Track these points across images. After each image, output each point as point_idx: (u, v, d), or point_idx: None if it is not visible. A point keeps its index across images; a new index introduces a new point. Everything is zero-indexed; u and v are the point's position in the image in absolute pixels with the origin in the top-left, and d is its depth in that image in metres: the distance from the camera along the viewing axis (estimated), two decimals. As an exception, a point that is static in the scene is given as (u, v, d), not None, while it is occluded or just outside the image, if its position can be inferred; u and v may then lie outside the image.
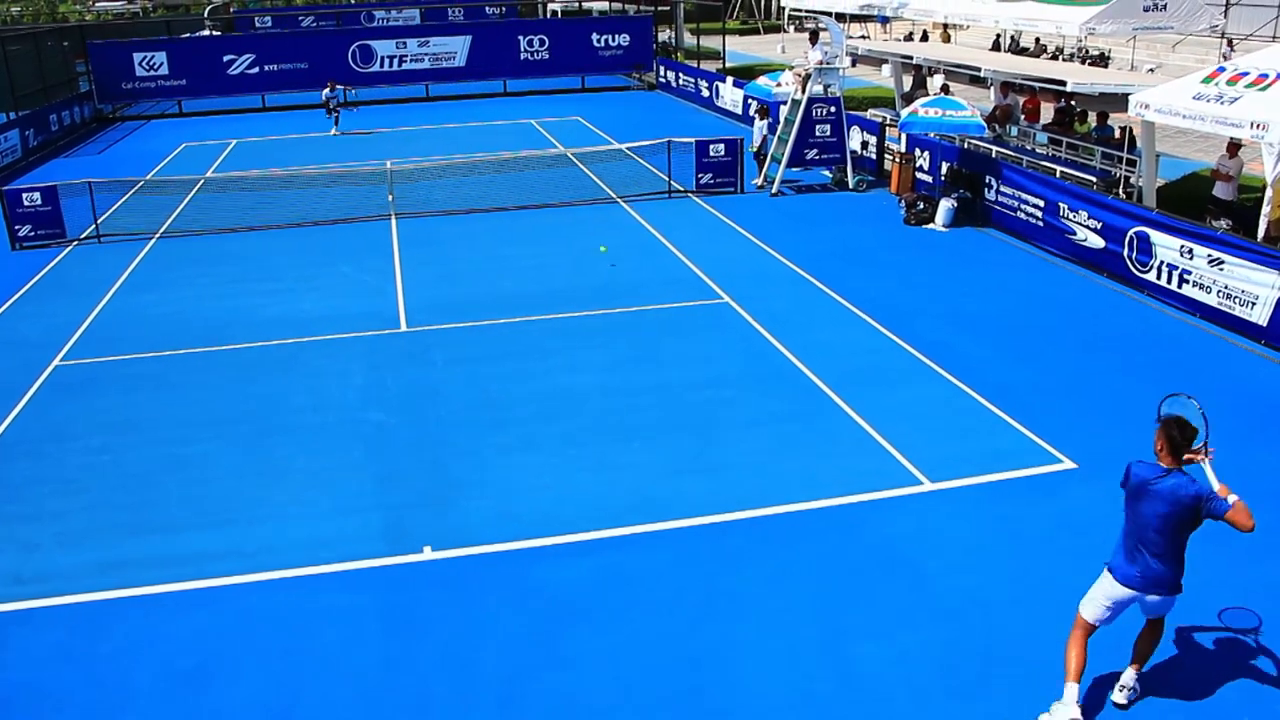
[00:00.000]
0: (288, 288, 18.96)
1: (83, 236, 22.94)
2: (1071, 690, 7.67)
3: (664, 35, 49.58)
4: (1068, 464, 11.64)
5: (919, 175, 23.64)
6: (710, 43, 46.92)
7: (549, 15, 61.62)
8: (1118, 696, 8.00)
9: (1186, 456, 7.47)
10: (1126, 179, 21.13)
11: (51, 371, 15.52)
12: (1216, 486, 7.35)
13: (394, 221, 23.29)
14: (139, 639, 9.31)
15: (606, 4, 60.29)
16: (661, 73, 44.23)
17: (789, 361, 14.70)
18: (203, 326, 17.08)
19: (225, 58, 42.77)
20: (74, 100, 40.68)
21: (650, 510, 10.98)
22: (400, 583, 9.98)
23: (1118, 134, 22.48)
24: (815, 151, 24.49)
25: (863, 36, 47.05)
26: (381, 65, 43.46)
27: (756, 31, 68.51)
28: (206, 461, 12.52)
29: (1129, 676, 8.03)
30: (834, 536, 10.43)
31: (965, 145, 23.46)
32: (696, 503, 11.10)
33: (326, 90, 36.00)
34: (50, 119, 36.88)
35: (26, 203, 22.77)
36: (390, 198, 24.14)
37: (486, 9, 57.94)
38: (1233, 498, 7.26)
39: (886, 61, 35.47)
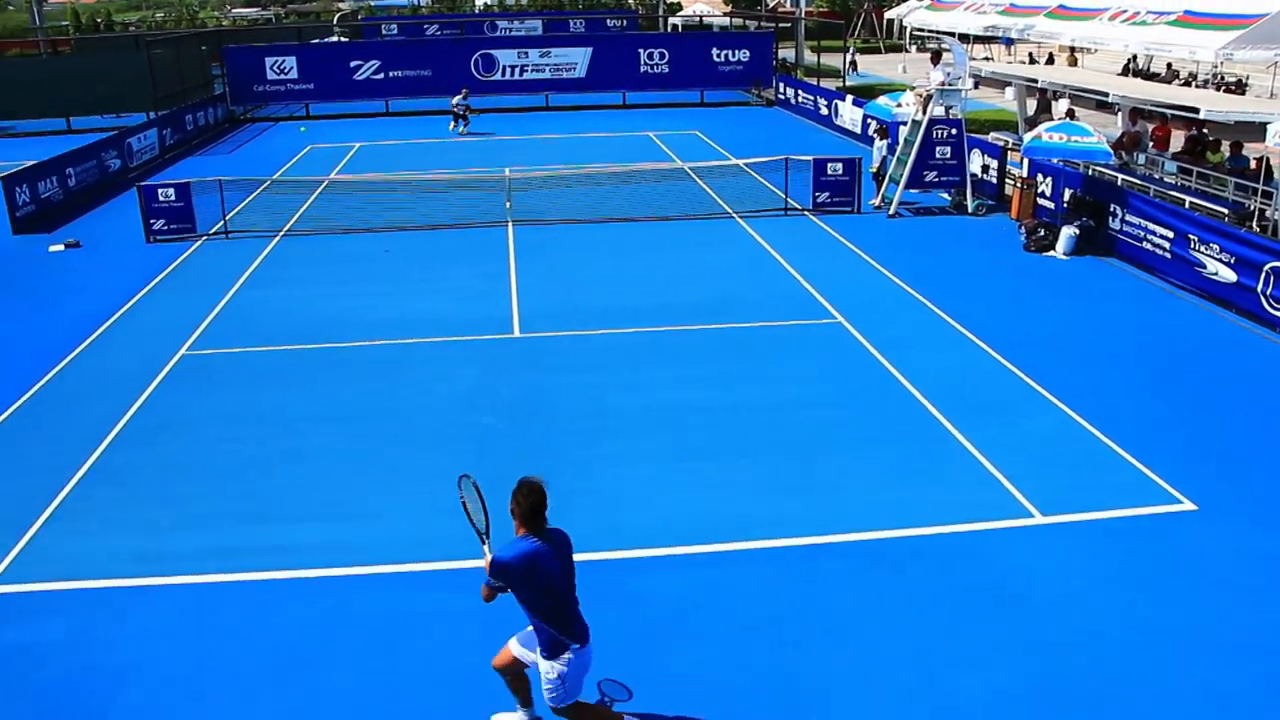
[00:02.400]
0: (404, 289, 19.31)
1: (211, 232, 23.68)
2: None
3: (784, 52, 49.43)
4: (1187, 505, 11.27)
5: (1040, 201, 23.20)
6: (831, 61, 46.69)
7: (670, 29, 61.92)
8: None
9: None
10: (1261, 212, 20.46)
11: (178, 360, 16.04)
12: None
13: (510, 228, 23.58)
14: (249, 623, 9.56)
15: (727, 19, 60.38)
16: (781, 89, 44.12)
17: (900, 385, 14.53)
18: (321, 324, 17.49)
19: (352, 63, 43.86)
20: (209, 102, 42.09)
21: (753, 528, 10.93)
22: (503, 585, 10.06)
23: (1253, 164, 21.79)
24: (934, 174, 24.21)
25: (986, 58, 46.37)
26: (503, 74, 44.14)
27: (878, 50, 67.97)
28: (319, 456, 12.80)
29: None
30: (938, 565, 10.26)
31: (1090, 172, 22.95)
32: (800, 523, 11.02)
33: (459, 97, 37.36)
34: (186, 119, 38.17)
35: (161, 198, 23.62)
36: (508, 205, 24.46)
37: (608, 21, 58.52)
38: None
39: (1010, 84, 34.93)
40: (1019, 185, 23.74)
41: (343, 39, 54.86)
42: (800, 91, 41.64)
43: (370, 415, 13.93)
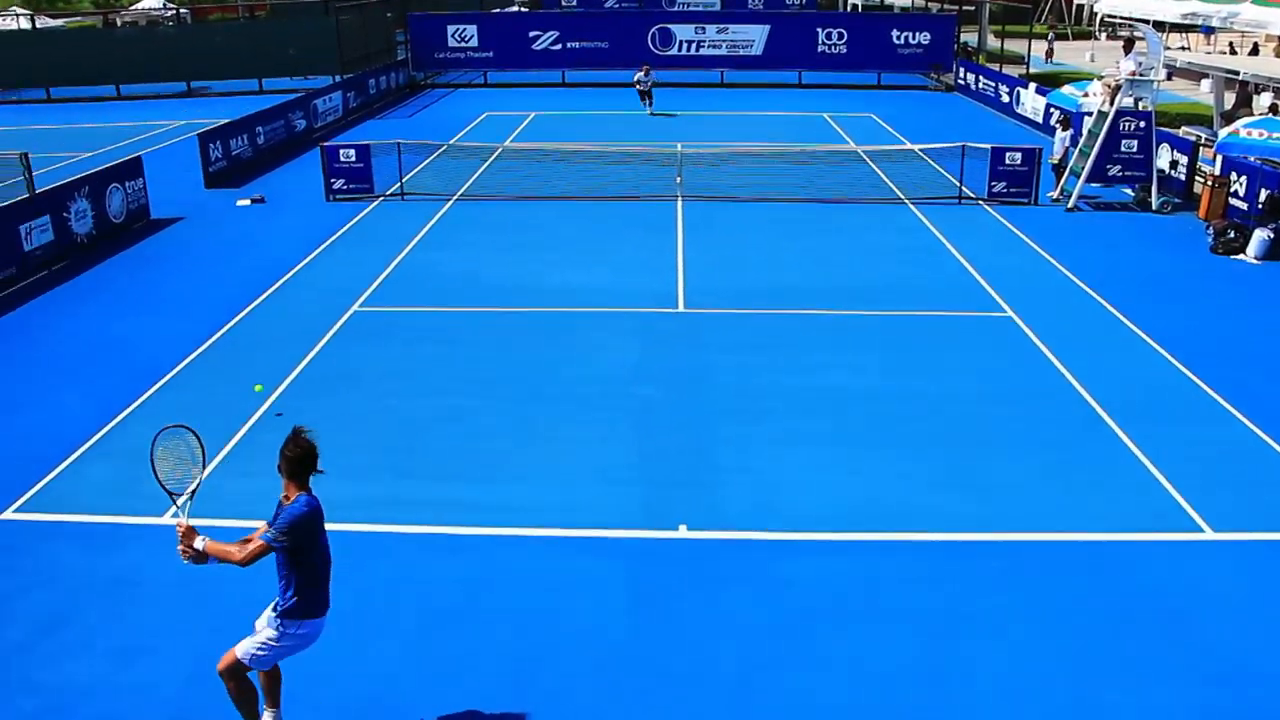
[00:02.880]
0: (571, 259, 19.55)
1: (388, 193, 24.37)
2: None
3: (966, 36, 48.17)
4: (1376, 528, 10.63)
5: (1232, 201, 22.09)
6: (1014, 46, 45.30)
7: (849, 9, 60.96)
8: None
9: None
10: None
11: (350, 316, 16.57)
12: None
13: (680, 203, 23.62)
14: (404, 574, 9.86)
15: (909, 1, 59.17)
16: (960, 74, 43.02)
17: (1069, 385, 14.05)
18: (488, 288, 17.83)
19: (531, 33, 44.46)
20: (391, 67, 43.26)
21: (908, 520, 10.75)
22: (652, 557, 10.14)
23: None
24: (1118, 168, 23.27)
25: (1182, 48, 44.41)
26: (680, 49, 44.14)
27: (1065, 37, 65.62)
28: (478, 417, 13.07)
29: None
30: (1098, 574, 9.89)
31: (1290, 172, 21.77)
32: (956, 519, 10.78)
33: (640, 73, 36.34)
34: (369, 83, 39.31)
35: (342, 159, 24.41)
36: (678, 180, 24.50)
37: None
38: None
39: (1207, 76, 33.36)
40: (1209, 183, 22.63)
41: (523, 9, 55.63)
42: (981, 77, 40.51)
43: (531, 380, 14.16)
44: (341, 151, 24.61)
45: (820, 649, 8.80)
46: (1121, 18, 40.64)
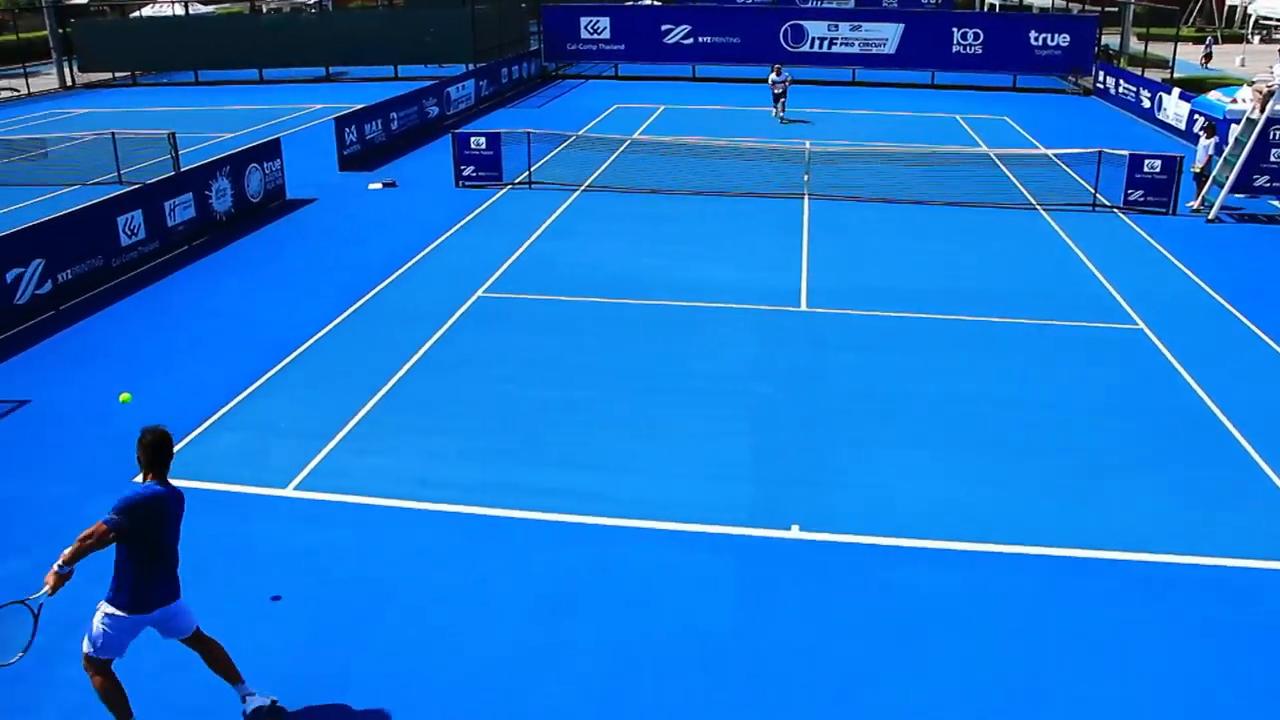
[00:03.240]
0: (695, 253, 19.53)
1: (516, 181, 24.66)
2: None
3: (1107, 39, 46.77)
4: None
5: (1388, 217, 21.11)
6: (1159, 50, 43.88)
7: (986, 8, 59.75)
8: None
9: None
10: None
11: (474, 301, 16.82)
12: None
13: (806, 202, 23.44)
14: (516, 559, 9.95)
15: (1049, 1, 57.70)
16: (1100, 78, 41.82)
17: (1202, 403, 13.53)
18: (610, 279, 17.93)
19: (663, 26, 44.58)
20: (524, 57, 43.82)
21: (1027, 532, 10.48)
22: (762, 556, 10.09)
23: None
24: (1266, 179, 22.38)
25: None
26: (812, 46, 43.81)
27: (1215, 40, 63.33)
28: (595, 407, 13.15)
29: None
30: (1225, 601, 9.50)
31: None
32: (1074, 534, 10.47)
33: (773, 73, 34.25)
34: (502, 72, 39.84)
35: (473, 146, 24.78)
36: (805, 178, 24.31)
37: (922, -2, 56.96)
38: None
39: (1366, 87, 31.87)
40: (1364, 198, 21.67)
41: (656, 2, 55.76)
42: (1121, 81, 39.33)
43: (649, 373, 14.19)
44: (472, 139, 24.97)
45: (927, 659, 8.64)
46: (1277, 20, 39.04)
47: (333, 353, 14.81)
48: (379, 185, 24.83)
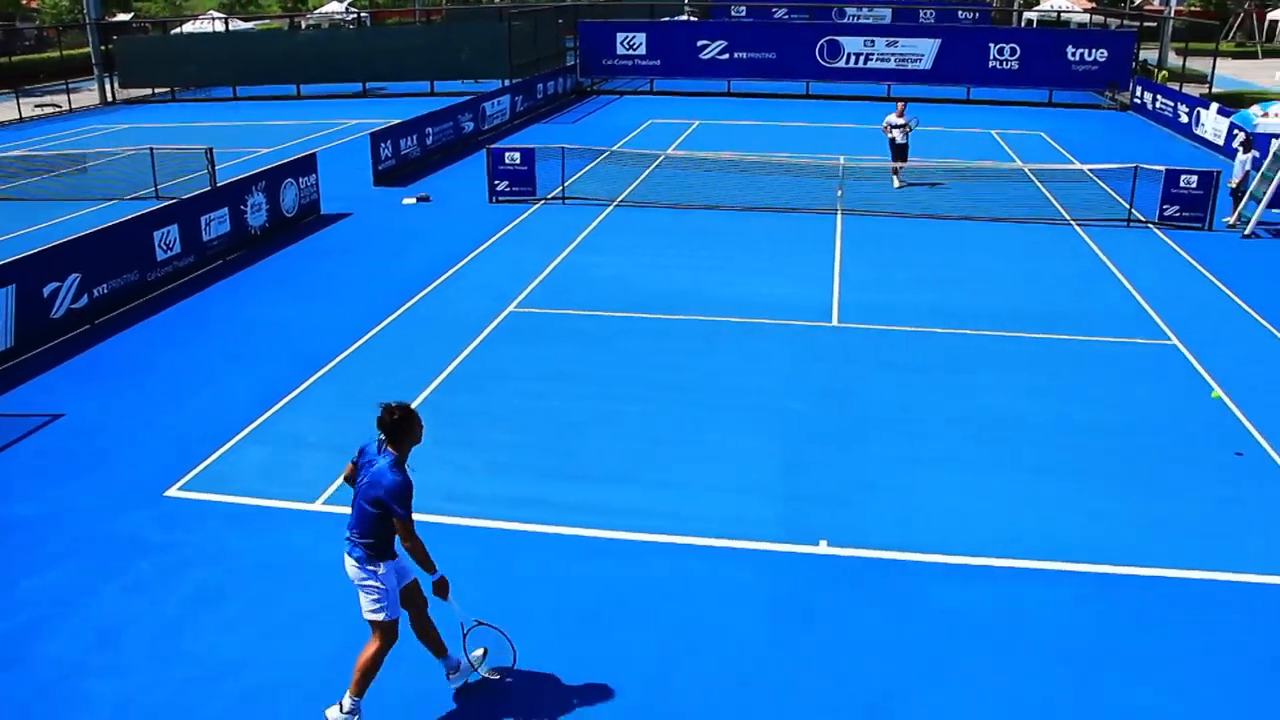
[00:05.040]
0: (728, 268, 19.50)
1: (549, 196, 24.73)
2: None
3: (1145, 53, 46.43)
4: None
5: None
6: (1198, 65, 43.51)
7: (1023, 23, 59.46)
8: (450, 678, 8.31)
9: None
10: None
11: (506, 315, 16.86)
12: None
13: (839, 217, 23.36)
14: (543, 573, 9.95)
15: (1087, 16, 57.39)
16: (1137, 93, 41.50)
17: (1235, 419, 13.35)
18: (643, 294, 17.92)
19: (699, 42, 44.68)
20: (559, 72, 43.98)
21: (1059, 549, 10.37)
22: (792, 571, 10.03)
23: None
24: (1305, 194, 22.11)
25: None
26: (847, 61, 43.77)
27: (1254, 55, 62.73)
28: (625, 421, 13.13)
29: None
30: (1258, 618, 9.36)
31: None
32: (1110, 551, 10.35)
33: (894, 115, 26.22)
34: (537, 88, 40.02)
35: (507, 161, 24.88)
36: (839, 193, 24.23)
37: (959, 13, 56.81)
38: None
39: None
40: (1407, 214, 21.33)
41: (692, 18, 55.88)
42: (1159, 96, 39.02)
43: (680, 388, 14.16)
44: (507, 154, 25.06)
45: (961, 676, 8.55)
46: (1317, 37, 38.63)
47: (364, 367, 14.87)
48: (413, 200, 24.97)
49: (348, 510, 7.91)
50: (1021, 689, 8.40)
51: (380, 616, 7.71)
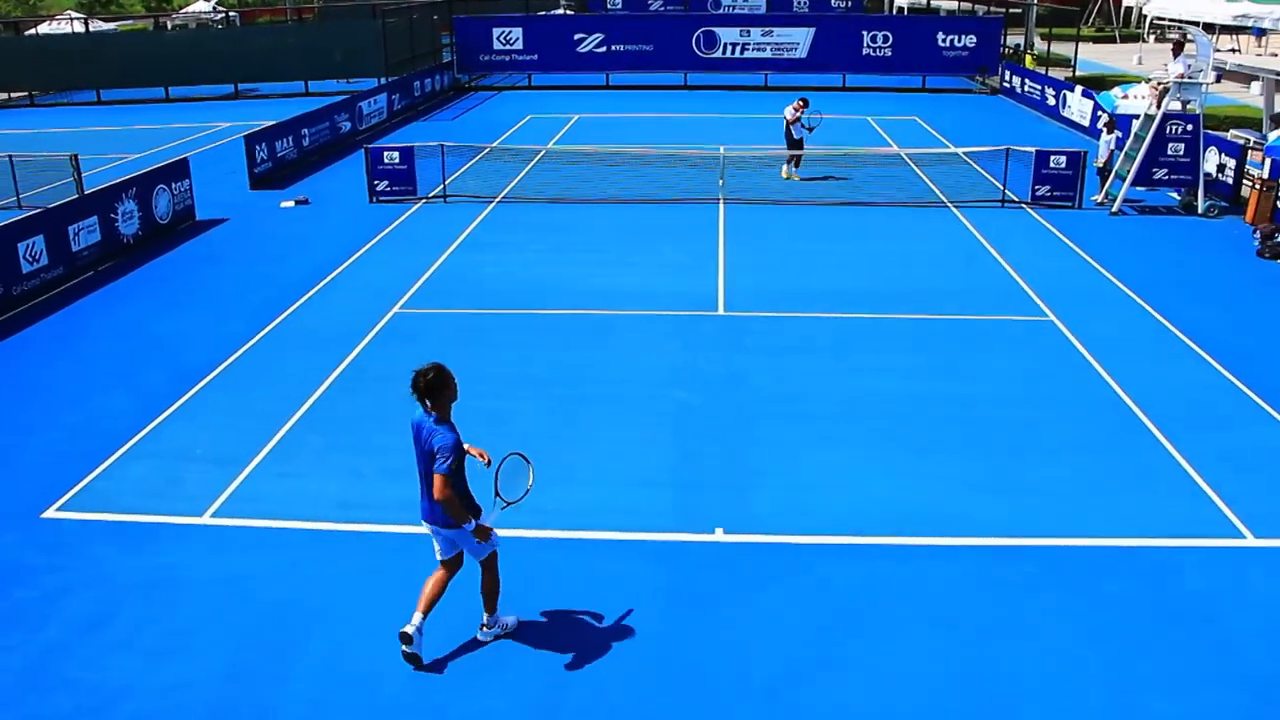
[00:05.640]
0: (612, 260, 19.57)
1: (430, 195, 24.52)
2: (416, 616, 8.53)
3: (1012, 39, 47.73)
4: None
5: (1281, 205, 21.75)
6: (1061, 50, 44.85)
7: (895, 11, 60.60)
8: (480, 634, 8.96)
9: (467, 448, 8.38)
10: None
11: (392, 317, 16.69)
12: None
13: (721, 206, 23.58)
14: (441, 576, 9.87)
15: (955, 3, 58.71)
16: (1006, 77, 42.64)
17: (1110, 389, 13.90)
18: (530, 290, 17.89)
19: (576, 36, 44.56)
20: (436, 69, 43.51)
21: (945, 524, 10.68)
22: (688, 560, 10.14)
23: None
24: (1165, 171, 22.99)
25: (1232, 50, 43.80)
26: (724, 52, 44.07)
27: (1113, 40, 64.86)
28: (516, 418, 13.11)
29: (484, 619, 8.95)
30: (1136, 579, 9.79)
31: (1341, 176, 21.38)
32: (993, 522, 10.70)
33: (792, 108, 26.65)
34: (414, 85, 39.55)
35: (386, 161, 24.57)
36: (720, 183, 24.46)
37: (832, 2, 57.64)
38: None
39: (1257, 78, 32.85)
40: (1258, 187, 22.30)
41: (569, 11, 55.76)
42: (1027, 80, 40.13)
43: (571, 382, 14.19)
44: (385, 153, 24.76)
45: (858, 653, 8.77)
46: (1170, 20, 40.17)
47: (248, 375, 14.59)
48: (291, 203, 24.52)
49: (241, 522, 7.80)
50: (915, 662, 8.64)
51: (485, 555, 8.64)
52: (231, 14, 62.11)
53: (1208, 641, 8.91)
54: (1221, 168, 24.33)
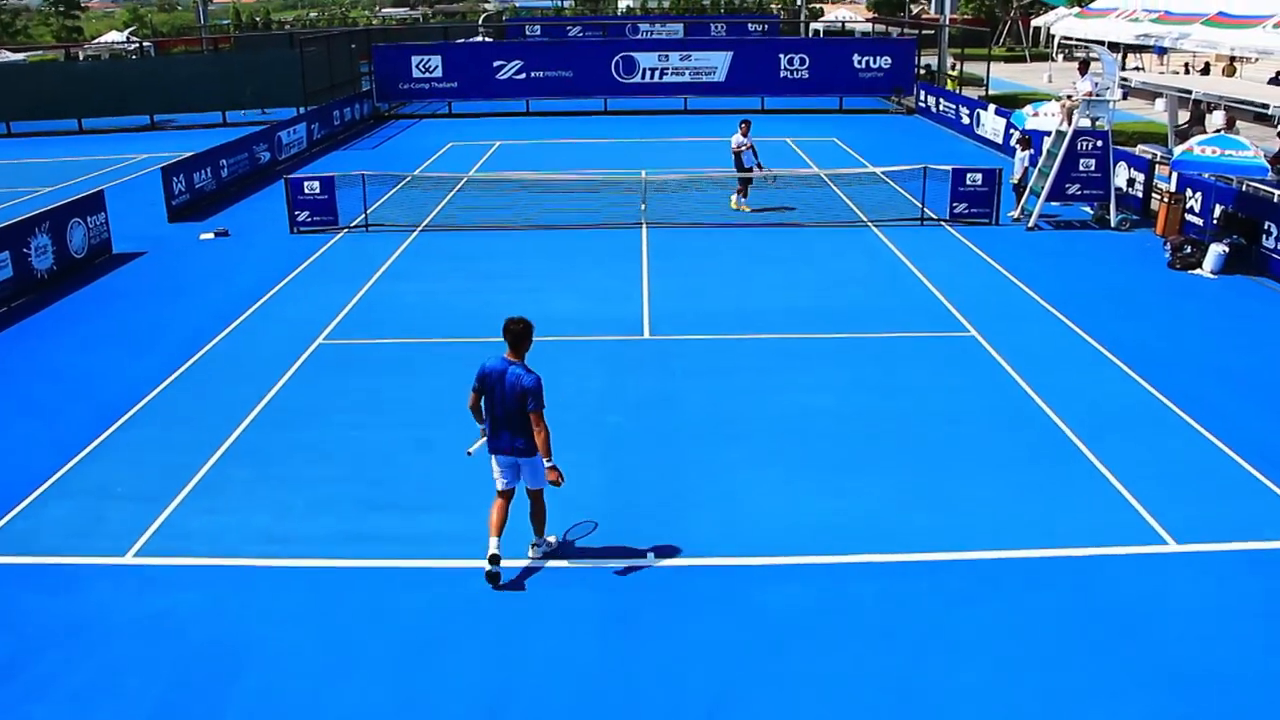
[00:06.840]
0: (536, 286, 19.54)
1: (352, 225, 24.34)
2: (493, 541, 9.92)
3: (926, 59, 48.69)
4: (1336, 538, 10.75)
5: (1188, 218, 22.37)
6: (974, 69, 45.78)
7: (811, 34, 61.49)
8: (531, 552, 10.41)
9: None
10: None
11: (315, 349, 16.51)
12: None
13: (645, 230, 23.69)
14: (370, 609, 9.78)
15: (870, 25, 59.72)
16: (921, 97, 43.44)
17: (1033, 402, 14.17)
18: (452, 318, 17.81)
19: (495, 63, 44.67)
20: (356, 98, 43.28)
21: (877, 540, 10.78)
22: (621, 586, 10.13)
23: None
24: (1077, 187, 23.55)
25: (1136, 68, 44.98)
26: (643, 76, 44.43)
27: (1023, 59, 66.40)
28: (445, 447, 12.96)
29: (533, 539, 10.47)
30: (1065, 589, 9.96)
31: (1244, 188, 22.05)
32: (924, 538, 10.83)
33: (739, 134, 25.58)
34: (334, 114, 39.31)
35: (306, 191, 24.37)
36: (643, 207, 24.58)
37: (749, 26, 58.35)
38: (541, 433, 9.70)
39: (1161, 95, 33.79)
40: (1166, 200, 22.92)
41: (487, 39, 55.82)
42: (942, 99, 40.94)
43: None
44: (305, 184, 24.54)
45: (793, 672, 8.80)
46: (1077, 39, 41.23)
47: (169, 411, 14.33)
48: (211, 235, 24.20)
49: (166, 560, 7.64)
50: (852, 679, 8.69)
51: (540, 486, 10.11)
52: (146, 44, 61.23)
53: (1137, 647, 9.07)
54: (1131, 182, 24.99)
